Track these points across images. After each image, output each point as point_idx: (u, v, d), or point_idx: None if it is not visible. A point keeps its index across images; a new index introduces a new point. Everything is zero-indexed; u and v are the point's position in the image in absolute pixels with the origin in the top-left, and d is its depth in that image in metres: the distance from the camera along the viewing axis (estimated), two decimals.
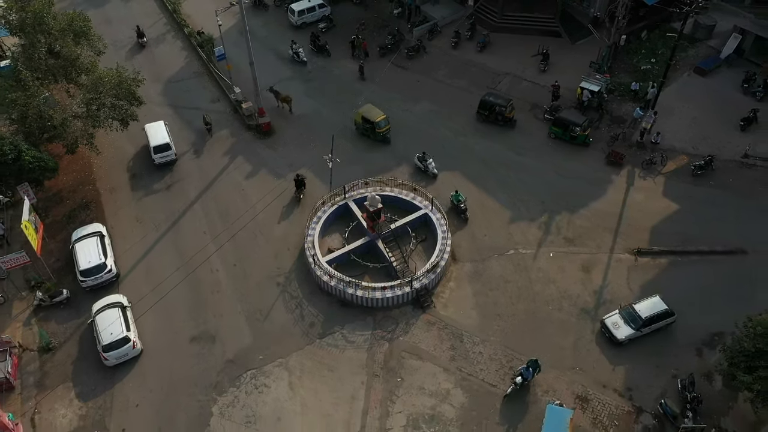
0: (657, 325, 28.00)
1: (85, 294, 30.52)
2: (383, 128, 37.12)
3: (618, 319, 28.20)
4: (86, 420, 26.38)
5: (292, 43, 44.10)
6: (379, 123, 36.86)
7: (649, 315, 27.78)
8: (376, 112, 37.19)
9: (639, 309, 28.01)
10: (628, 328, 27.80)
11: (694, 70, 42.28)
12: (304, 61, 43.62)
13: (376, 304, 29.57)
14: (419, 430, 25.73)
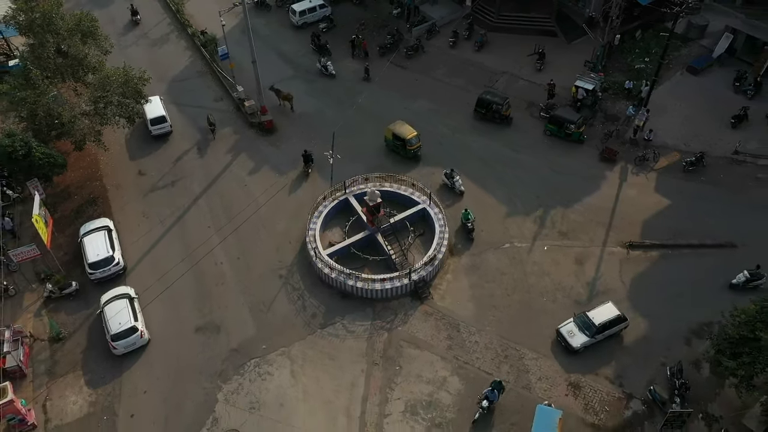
0: (610, 332, 28.31)
1: (94, 286, 31.50)
2: (414, 145, 36.74)
3: (573, 328, 28.43)
4: (96, 406, 27.34)
5: (319, 57, 44.23)
6: (410, 140, 36.49)
7: (602, 321, 28.03)
8: (407, 129, 36.83)
9: (592, 316, 28.28)
10: (583, 335, 28.06)
11: (686, 69, 43.20)
12: (332, 74, 43.36)
13: (376, 296, 30.53)
14: (417, 416, 26.67)
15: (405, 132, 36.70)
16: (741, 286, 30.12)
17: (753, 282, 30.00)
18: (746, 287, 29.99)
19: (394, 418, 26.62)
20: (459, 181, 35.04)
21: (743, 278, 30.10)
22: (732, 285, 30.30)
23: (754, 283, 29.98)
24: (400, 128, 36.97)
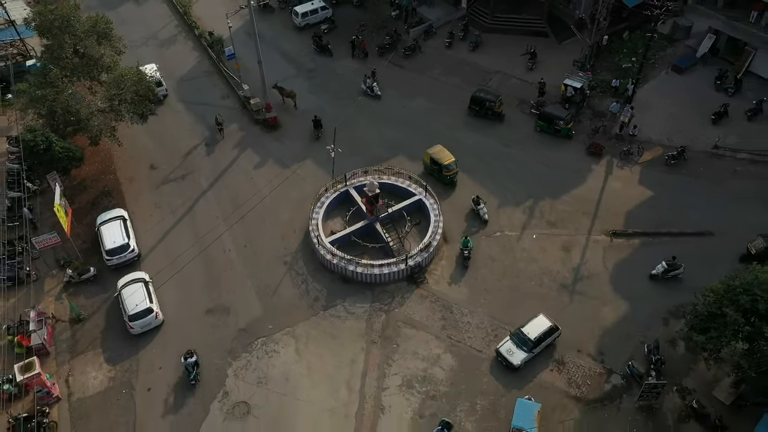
0: (546, 342, 29.49)
1: (110, 272, 33.63)
2: (451, 171, 36.93)
3: (511, 346, 29.26)
4: (115, 381, 29.48)
5: (365, 78, 44.24)
6: (447, 166, 36.71)
7: (537, 335, 29.14)
8: (445, 155, 36.96)
9: (527, 332, 29.27)
10: (522, 352, 28.95)
11: (671, 68, 45.28)
12: (378, 95, 43.61)
13: (375, 280, 32.65)
14: (413, 389, 28.79)
15: (443, 157, 36.86)
16: (660, 276, 32.16)
17: (671, 272, 32.05)
18: (665, 277, 32.03)
19: (392, 391, 28.74)
20: (485, 209, 35.33)
21: (662, 269, 32.11)
22: (652, 275, 32.31)
23: (673, 273, 32.04)
24: (439, 153, 37.12)
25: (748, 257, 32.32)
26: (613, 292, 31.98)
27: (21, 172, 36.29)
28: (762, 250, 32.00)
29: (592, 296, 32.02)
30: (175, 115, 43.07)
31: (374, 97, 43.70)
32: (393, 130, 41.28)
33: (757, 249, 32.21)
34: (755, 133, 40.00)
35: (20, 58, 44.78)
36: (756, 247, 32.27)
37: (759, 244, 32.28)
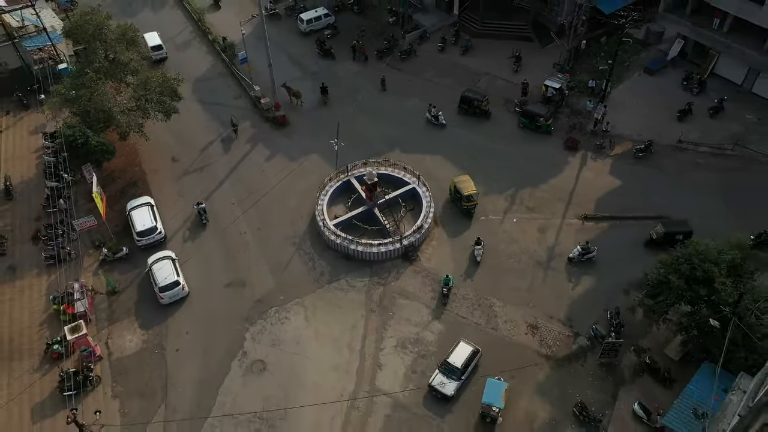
0: (472, 365, 31.64)
1: (140, 251, 38.14)
2: (470, 203, 38.38)
3: (441, 378, 31.09)
4: (148, 343, 34.01)
5: (430, 106, 45.63)
6: (467, 196, 38.17)
7: (463, 362, 31.28)
8: (468, 186, 38.45)
9: (453, 361, 31.26)
10: (452, 381, 30.89)
11: (644, 70, 49.72)
12: (443, 124, 45.13)
13: (373, 258, 37.16)
14: (406, 349, 33.30)
15: (464, 188, 38.31)
16: (576, 259, 36.50)
17: (586, 255, 36.39)
18: (581, 260, 36.39)
19: (387, 351, 33.25)
20: (481, 252, 36.81)
21: (577, 252, 36.45)
22: (569, 258, 36.53)
23: (587, 256, 36.39)
24: (463, 183, 38.72)
25: (650, 242, 36.89)
26: (582, 268, 36.44)
27: (58, 164, 40.95)
28: (662, 236, 36.40)
29: (563, 271, 36.49)
30: (193, 113, 47.49)
31: (439, 126, 45.30)
32: (390, 126, 45.74)
33: (658, 235, 36.64)
34: (716, 129, 44.46)
35: (51, 62, 49.18)
36: (657, 233, 36.71)
37: (659, 230, 36.69)
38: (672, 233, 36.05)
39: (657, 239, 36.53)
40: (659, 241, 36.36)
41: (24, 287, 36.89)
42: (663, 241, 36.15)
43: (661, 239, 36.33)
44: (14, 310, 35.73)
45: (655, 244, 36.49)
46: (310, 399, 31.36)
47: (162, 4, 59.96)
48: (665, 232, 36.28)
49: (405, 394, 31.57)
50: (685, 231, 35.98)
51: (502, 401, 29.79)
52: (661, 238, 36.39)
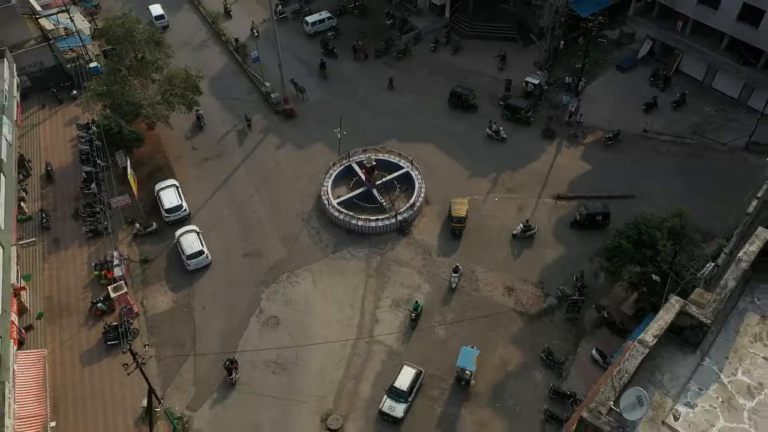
0: (417, 385, 34.18)
1: (168, 226, 43.54)
2: (457, 224, 41.52)
3: (390, 403, 33.36)
4: (177, 303, 39.46)
5: (490, 123, 48.95)
6: (456, 218, 41.40)
7: (408, 385, 33.72)
8: (459, 208, 41.66)
9: (399, 385, 33.59)
10: (401, 404, 33.17)
11: (616, 67, 55.16)
12: (503, 138, 48.33)
13: (372, 231, 42.58)
14: (399, 308, 38.75)
15: (455, 209, 41.80)
16: (518, 235, 41.77)
17: (527, 232, 41.62)
18: (523, 236, 41.65)
19: (384, 309, 38.71)
20: (457, 280, 39.41)
21: (520, 228, 41.68)
22: (513, 235, 41.75)
23: (529, 233, 41.63)
24: (456, 204, 42.06)
25: (575, 223, 42.25)
26: (553, 240, 41.90)
27: (92, 152, 46.44)
28: (584, 217, 41.72)
29: (537, 242, 41.91)
30: (210, 107, 52.80)
31: (500, 141, 48.65)
32: (387, 119, 51.14)
33: (581, 216, 41.93)
34: (678, 120, 49.88)
35: (82, 61, 54.61)
36: (580, 215, 42.02)
37: (582, 212, 41.96)
38: (593, 214, 41.49)
39: (580, 220, 41.94)
40: (582, 221, 41.79)
41: (68, 257, 42.34)
42: (585, 221, 41.59)
43: (584, 220, 41.73)
44: (61, 276, 41.18)
45: (579, 224, 41.91)
46: (318, 347, 36.84)
47: (178, 7, 65.37)
48: (587, 213, 41.66)
49: (398, 343, 37.03)
50: (604, 213, 41.52)
51: (474, 365, 34.31)
52: (583, 218, 41.77)
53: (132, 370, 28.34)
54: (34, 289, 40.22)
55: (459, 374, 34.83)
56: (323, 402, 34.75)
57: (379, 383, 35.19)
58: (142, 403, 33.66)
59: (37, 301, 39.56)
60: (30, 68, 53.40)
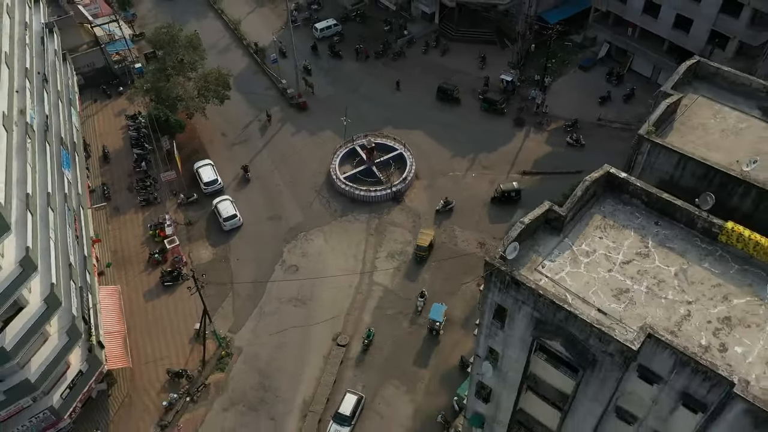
0: (359, 410, 39.49)
1: (205, 197, 53.58)
2: (418, 251, 47.83)
3: (336, 427, 38.46)
4: (216, 255, 49.54)
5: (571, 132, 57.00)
6: (418, 246, 47.68)
7: (350, 410, 38.86)
8: (422, 238, 47.96)
9: (343, 410, 39.01)
10: (345, 427, 38.58)
11: (578, 67, 65.16)
12: (582, 145, 55.83)
13: (371, 200, 52.60)
14: (394, 258, 48.76)
15: (419, 239, 48.25)
16: (441, 210, 51.23)
17: (447, 207, 51.18)
18: (444, 210, 51.17)
19: (381, 259, 48.76)
20: (422, 304, 44.99)
21: (441, 205, 51.06)
22: (437, 210, 51.02)
23: (448, 207, 51.18)
24: (421, 234, 48.49)
25: (494, 198, 51.82)
26: (522, 205, 51.84)
27: (140, 138, 56.59)
28: (500, 193, 51.30)
29: (503, 209, 51.83)
30: (236, 101, 62.65)
31: (579, 147, 56.26)
32: (384, 110, 61.15)
33: (497, 193, 51.51)
34: (627, 110, 59.84)
35: (127, 62, 64.72)
36: (497, 192, 51.62)
37: (498, 189, 51.51)
38: (507, 191, 51.16)
39: (497, 196, 51.80)
40: (498, 197, 51.63)
41: (126, 221, 52.45)
42: (501, 198, 51.35)
43: (500, 196, 51.49)
44: (122, 236, 51.27)
45: (498, 200, 51.77)
46: (329, 287, 46.92)
47: (204, 15, 75.43)
48: (503, 191, 51.34)
49: (393, 285, 47.11)
50: (516, 190, 51.22)
51: (442, 318, 43.60)
52: (500, 195, 51.53)
53: (194, 291, 38.47)
54: (102, 245, 50.32)
55: (430, 325, 43.85)
56: (334, 326, 44.89)
57: (375, 313, 45.32)
58: (195, 326, 43.85)
59: (106, 254, 49.65)
60: (83, 68, 63.39)
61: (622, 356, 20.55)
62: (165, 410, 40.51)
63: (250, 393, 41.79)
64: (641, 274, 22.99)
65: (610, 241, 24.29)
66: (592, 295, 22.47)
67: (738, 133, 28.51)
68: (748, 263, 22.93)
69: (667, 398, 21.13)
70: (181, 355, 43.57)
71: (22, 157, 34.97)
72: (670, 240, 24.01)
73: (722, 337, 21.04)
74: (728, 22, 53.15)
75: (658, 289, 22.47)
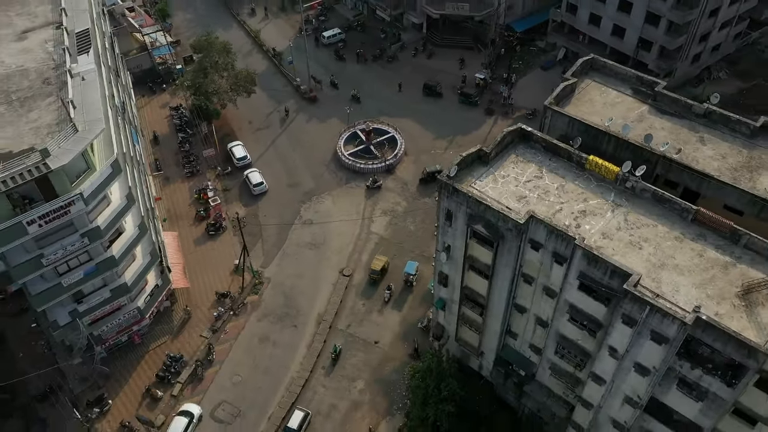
0: (306, 425, 46.45)
1: (237, 170, 67.49)
2: (371, 274, 56.05)
3: None
4: (248, 213, 63.34)
5: None
6: (371, 270, 56.11)
7: (298, 424, 45.99)
8: (375, 263, 56.35)
9: (291, 424, 46.07)
10: None
11: (540, 67, 79.16)
12: None
13: (369, 171, 66.50)
14: (387, 213, 62.54)
15: (373, 263, 56.66)
16: (371, 186, 65.27)
17: (375, 184, 64.63)
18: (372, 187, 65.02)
19: (377, 215, 62.58)
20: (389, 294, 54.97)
21: (370, 181, 65.11)
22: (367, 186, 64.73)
23: (376, 185, 64.41)
24: (375, 260, 56.70)
25: (422, 180, 64.96)
26: None
27: (182, 124, 70.65)
28: (427, 174, 64.27)
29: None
30: (258, 95, 76.62)
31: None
32: (380, 102, 75.13)
33: (424, 174, 64.58)
34: None
35: (169, 64, 78.83)
36: (424, 173, 64.79)
37: (425, 171, 64.69)
38: (432, 173, 63.73)
39: (424, 177, 64.97)
40: (425, 178, 64.83)
41: (175, 188, 66.31)
42: (427, 178, 64.38)
43: (426, 177, 64.64)
44: (173, 199, 65.12)
45: (424, 180, 64.93)
46: (336, 236, 60.77)
47: (229, 25, 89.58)
48: (428, 172, 64.30)
49: (386, 234, 60.93)
50: (439, 170, 62.84)
51: (415, 272, 56.65)
52: (426, 176, 64.74)
53: (241, 227, 52.38)
54: (159, 205, 64.19)
55: (405, 278, 56.85)
56: (340, 263, 58.70)
57: (372, 254, 59.09)
58: (234, 262, 57.69)
59: (161, 213, 63.50)
60: (134, 69, 77.36)
61: (516, 229, 34.36)
62: (215, 319, 54.23)
63: (277, 309, 55.55)
64: (535, 187, 36.85)
65: (519, 169, 38.20)
66: (503, 200, 36.29)
67: (614, 105, 42.36)
68: (602, 181, 36.71)
69: (546, 258, 34.91)
70: (224, 282, 57.35)
71: (118, 127, 48.85)
72: (556, 169, 37.87)
73: (578, 221, 34.82)
74: (651, 31, 67.33)
75: (545, 196, 36.30)
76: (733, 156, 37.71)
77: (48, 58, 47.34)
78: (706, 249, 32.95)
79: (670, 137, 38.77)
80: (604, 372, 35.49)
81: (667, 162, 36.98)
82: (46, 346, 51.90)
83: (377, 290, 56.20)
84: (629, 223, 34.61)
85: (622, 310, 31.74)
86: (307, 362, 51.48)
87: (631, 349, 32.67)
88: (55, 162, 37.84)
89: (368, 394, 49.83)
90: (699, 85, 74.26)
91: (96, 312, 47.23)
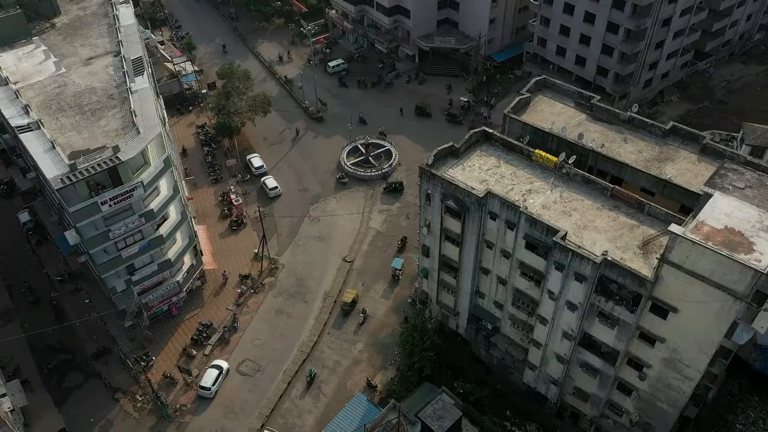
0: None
1: (255, 177, 78.87)
2: (343, 306, 62.95)
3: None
4: (265, 212, 74.46)
5: None
6: (343, 302, 63.27)
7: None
8: (346, 296, 63.45)
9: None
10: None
11: (517, 92, 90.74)
12: None
13: (368, 178, 77.86)
14: (383, 212, 73.67)
15: (345, 295, 63.92)
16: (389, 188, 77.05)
17: (341, 180, 76.57)
18: None
19: (374, 213, 73.70)
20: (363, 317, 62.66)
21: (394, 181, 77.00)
22: None
23: (341, 181, 76.52)
24: (346, 293, 63.99)
25: (385, 189, 76.66)
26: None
27: (207, 140, 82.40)
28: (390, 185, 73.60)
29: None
30: (272, 115, 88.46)
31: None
32: (378, 121, 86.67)
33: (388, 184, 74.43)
34: None
35: (195, 90, 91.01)
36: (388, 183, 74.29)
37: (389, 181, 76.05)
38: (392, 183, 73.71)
39: (387, 187, 76.39)
40: (388, 188, 76.35)
41: (203, 192, 77.58)
42: (391, 187, 75.99)
43: (389, 187, 76.08)
44: (200, 201, 76.32)
45: (387, 189, 76.39)
46: (340, 230, 71.79)
47: (246, 56, 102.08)
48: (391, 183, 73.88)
49: (382, 229, 71.92)
50: (399, 182, 75.63)
51: (401, 266, 67.57)
52: (389, 186, 76.16)
53: (262, 218, 63.48)
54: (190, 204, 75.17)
55: (393, 272, 67.51)
56: (342, 252, 69.59)
57: (370, 244, 69.98)
58: (254, 251, 68.61)
59: (192, 211, 74.53)
60: (164, 94, 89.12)
61: (478, 203, 45.45)
62: (238, 295, 64.89)
63: (290, 288, 66.25)
64: (494, 174, 48.08)
65: (482, 161, 49.52)
66: (469, 182, 47.45)
67: (559, 114, 53.83)
68: (545, 168, 47.93)
69: (502, 226, 45.92)
70: (246, 267, 68.14)
71: (166, 133, 60.34)
72: (511, 160, 49.17)
73: (525, 197, 45.91)
74: (606, 60, 79.47)
75: (501, 180, 47.50)
76: (647, 151, 49.01)
77: (110, 79, 59.16)
78: (619, 216, 44.03)
79: (600, 138, 50.15)
80: (547, 313, 46.15)
81: (595, 155, 48.27)
82: (99, 317, 62.49)
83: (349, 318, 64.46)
84: (564, 198, 45.76)
85: (554, 258, 42.64)
86: (315, 329, 61.95)
87: (563, 290, 43.46)
88: (124, 155, 49.22)
89: (366, 353, 60.21)
90: (653, 107, 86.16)
91: (145, 282, 58.00)
